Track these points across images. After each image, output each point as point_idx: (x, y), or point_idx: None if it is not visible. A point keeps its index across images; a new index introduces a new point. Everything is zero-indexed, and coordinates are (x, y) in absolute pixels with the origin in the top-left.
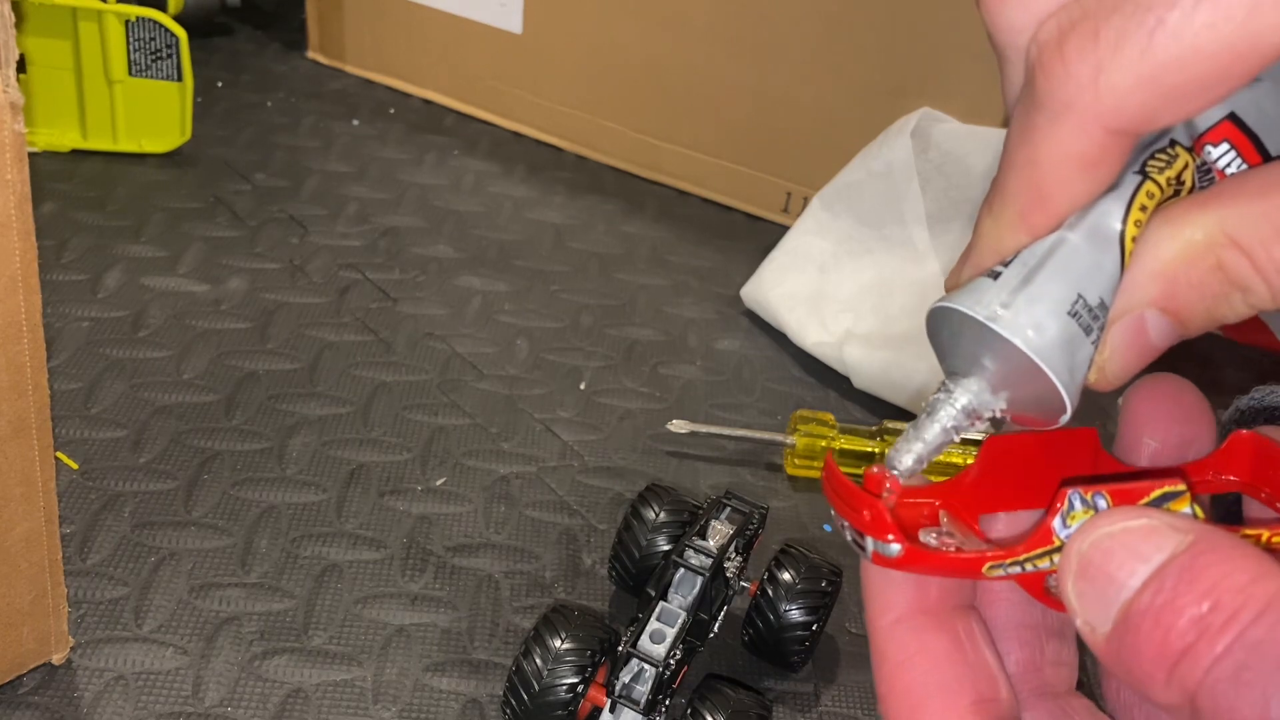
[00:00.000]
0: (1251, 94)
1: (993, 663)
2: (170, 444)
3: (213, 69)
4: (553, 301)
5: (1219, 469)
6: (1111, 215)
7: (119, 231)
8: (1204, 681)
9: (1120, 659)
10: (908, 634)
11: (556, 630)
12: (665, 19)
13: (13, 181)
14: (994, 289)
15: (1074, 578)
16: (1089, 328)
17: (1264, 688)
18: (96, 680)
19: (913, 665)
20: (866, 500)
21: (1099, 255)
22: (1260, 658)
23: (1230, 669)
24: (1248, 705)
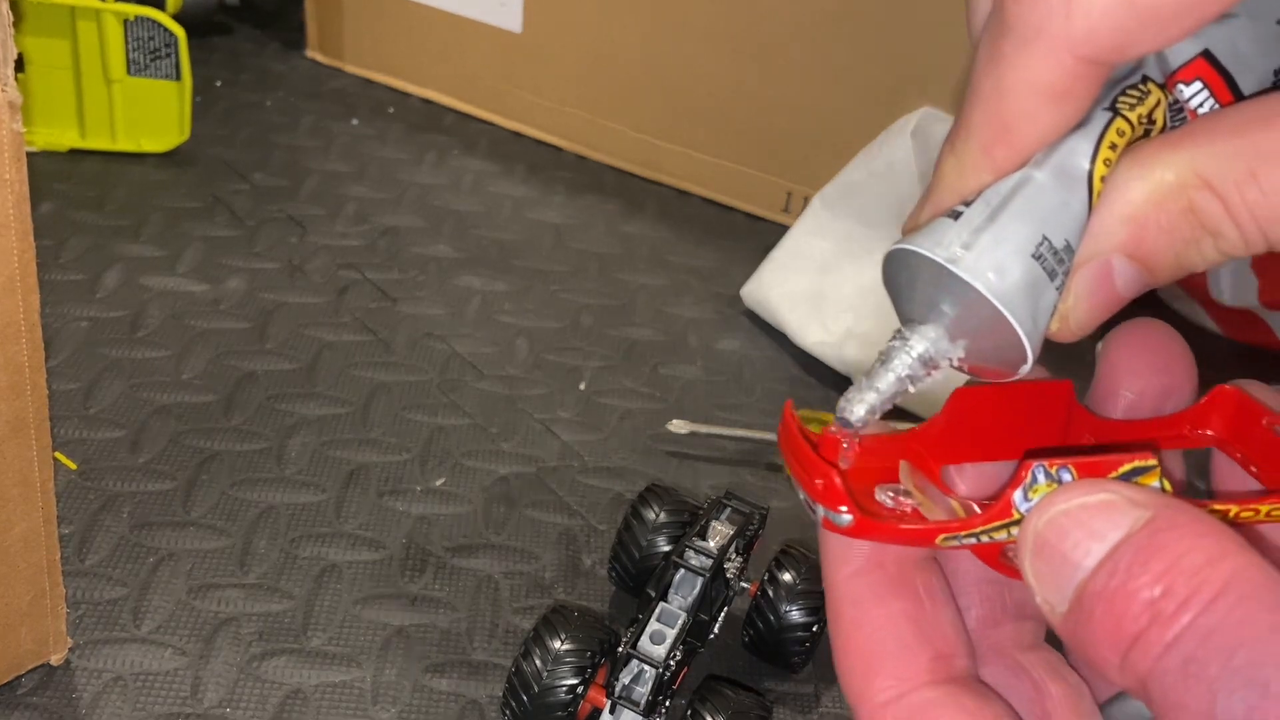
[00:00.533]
0: (1225, 30)
1: (951, 619)
2: (169, 444)
3: (211, 68)
4: (552, 301)
5: (1196, 423)
6: (1079, 153)
7: (117, 231)
8: (1153, 670)
9: (1076, 640)
10: (864, 589)
11: (556, 631)
12: (666, 18)
13: (11, 181)
14: (954, 229)
15: (1030, 556)
16: (1053, 272)
17: (1211, 682)
18: (95, 681)
19: (869, 621)
20: (820, 468)
21: (1066, 195)
22: (1209, 649)
23: (1178, 660)
24: (1194, 699)
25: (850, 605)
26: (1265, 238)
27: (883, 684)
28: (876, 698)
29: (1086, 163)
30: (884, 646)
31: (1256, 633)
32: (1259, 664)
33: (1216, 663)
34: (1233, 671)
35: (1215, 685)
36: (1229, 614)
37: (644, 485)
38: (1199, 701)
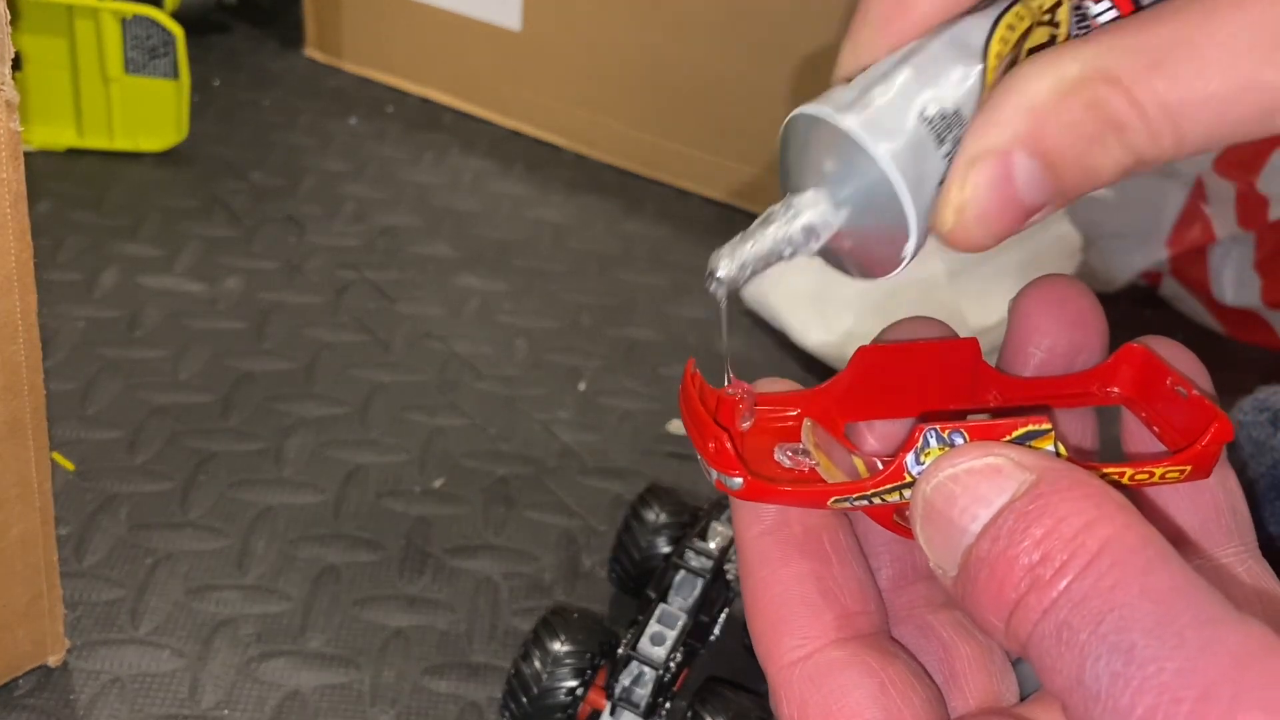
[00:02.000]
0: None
1: (859, 578)
2: (166, 445)
3: (209, 67)
4: (552, 301)
5: (1105, 381)
6: (976, 28)
7: (115, 230)
8: (1032, 635)
9: (964, 604)
10: (772, 548)
11: (556, 633)
12: (665, 16)
13: (8, 180)
14: (844, 91)
15: (920, 521)
16: (941, 137)
17: (1081, 648)
18: (93, 682)
19: (776, 581)
20: (711, 430)
21: (959, 64)
22: (1081, 615)
23: (1054, 626)
24: (1066, 665)
25: (759, 565)
26: (1175, 130)
27: (790, 643)
28: (784, 657)
29: (982, 36)
30: (790, 607)
31: (1126, 598)
32: (1126, 629)
33: (1086, 629)
34: (1101, 637)
35: (1085, 651)
36: (1100, 579)
37: (644, 486)
38: (1070, 667)
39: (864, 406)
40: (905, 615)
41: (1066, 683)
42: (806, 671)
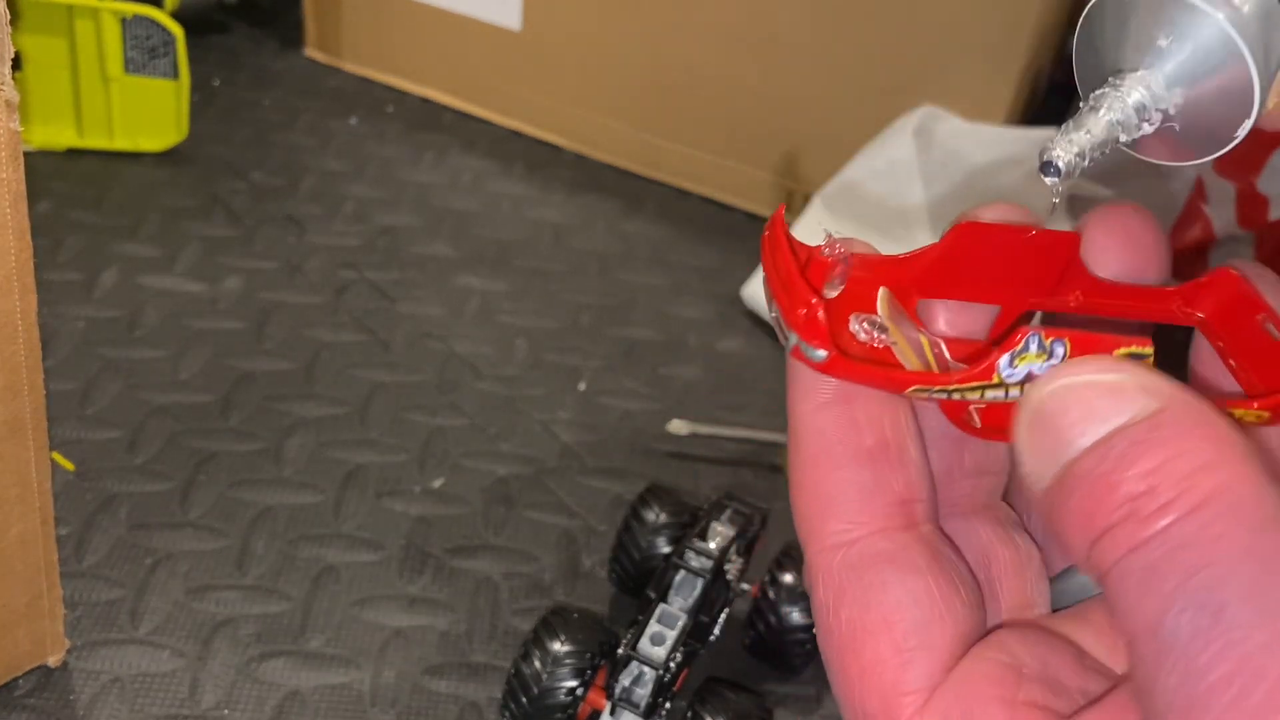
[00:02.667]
0: None
1: (918, 463)
2: (166, 445)
3: (209, 66)
4: (552, 301)
5: (1189, 301)
6: None
7: (115, 230)
8: (1115, 568)
9: (1050, 517)
10: (830, 424)
11: (556, 633)
12: (666, 16)
13: (8, 180)
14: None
15: (1026, 424)
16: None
17: (1166, 597)
18: (93, 683)
19: (831, 458)
20: (804, 295)
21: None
22: (1174, 562)
23: (1141, 565)
24: (1147, 609)
25: (814, 439)
26: None
27: (837, 526)
28: (828, 539)
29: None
30: (841, 488)
31: (1227, 553)
32: (1219, 587)
33: (1176, 577)
34: (1190, 591)
35: (1168, 601)
36: (1205, 528)
37: (644, 486)
38: (1149, 613)
39: (946, 285)
40: (947, 511)
41: (1140, 627)
42: (849, 559)
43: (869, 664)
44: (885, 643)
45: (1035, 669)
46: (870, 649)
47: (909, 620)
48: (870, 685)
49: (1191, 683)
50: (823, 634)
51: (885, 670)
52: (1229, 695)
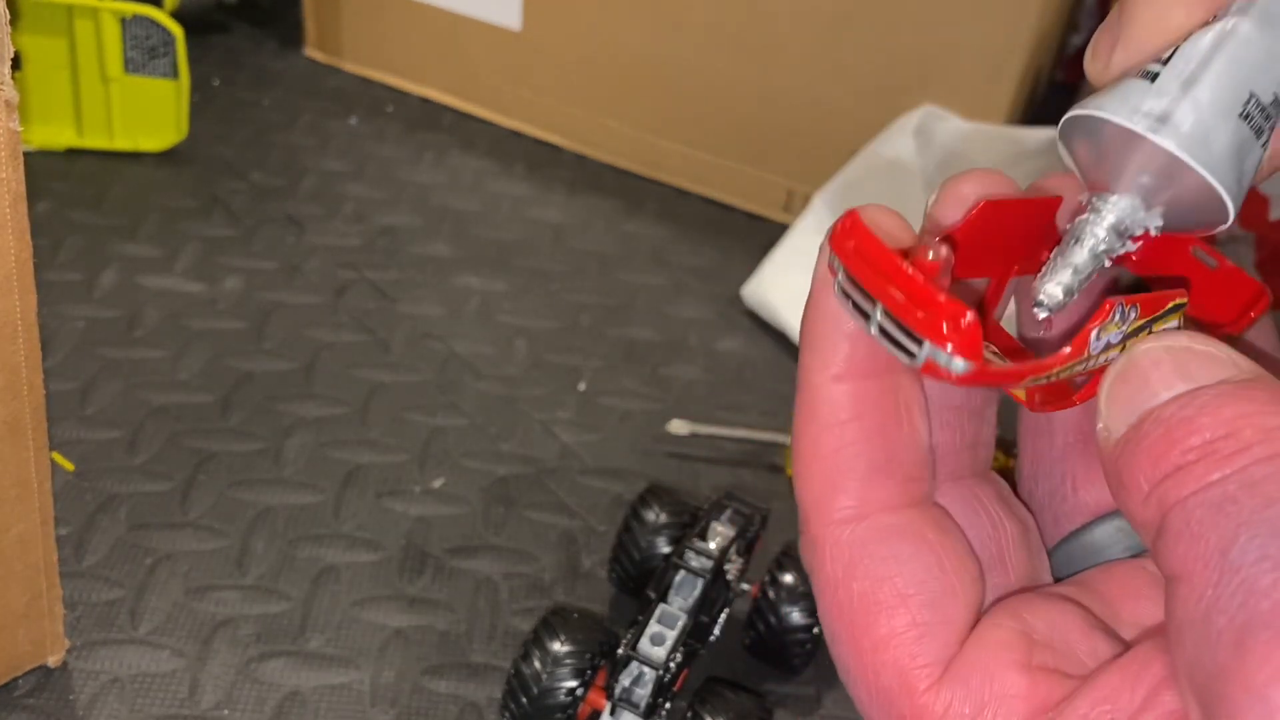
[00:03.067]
0: None
1: (924, 440)
2: (166, 445)
3: (209, 66)
4: (552, 301)
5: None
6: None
7: (114, 230)
8: (1184, 501)
9: (1118, 464)
10: (844, 396)
11: (556, 633)
12: (666, 16)
13: (7, 180)
14: (1152, 93)
15: (1114, 378)
16: (1260, 129)
17: (1239, 524)
18: (92, 683)
19: (841, 432)
20: (947, 307)
21: (1274, 41)
22: (1251, 495)
23: (1217, 497)
24: (1218, 533)
25: (826, 410)
26: None
27: (844, 501)
28: (835, 514)
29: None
30: (851, 463)
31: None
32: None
33: (1252, 505)
34: (1265, 518)
35: (1241, 525)
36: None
37: (644, 486)
38: (1219, 536)
39: (977, 263)
40: (948, 483)
41: (1206, 554)
42: (859, 534)
43: (883, 638)
44: (901, 616)
45: (1045, 634)
46: (885, 623)
47: (925, 594)
48: (885, 660)
49: (1254, 602)
50: (830, 610)
51: (902, 643)
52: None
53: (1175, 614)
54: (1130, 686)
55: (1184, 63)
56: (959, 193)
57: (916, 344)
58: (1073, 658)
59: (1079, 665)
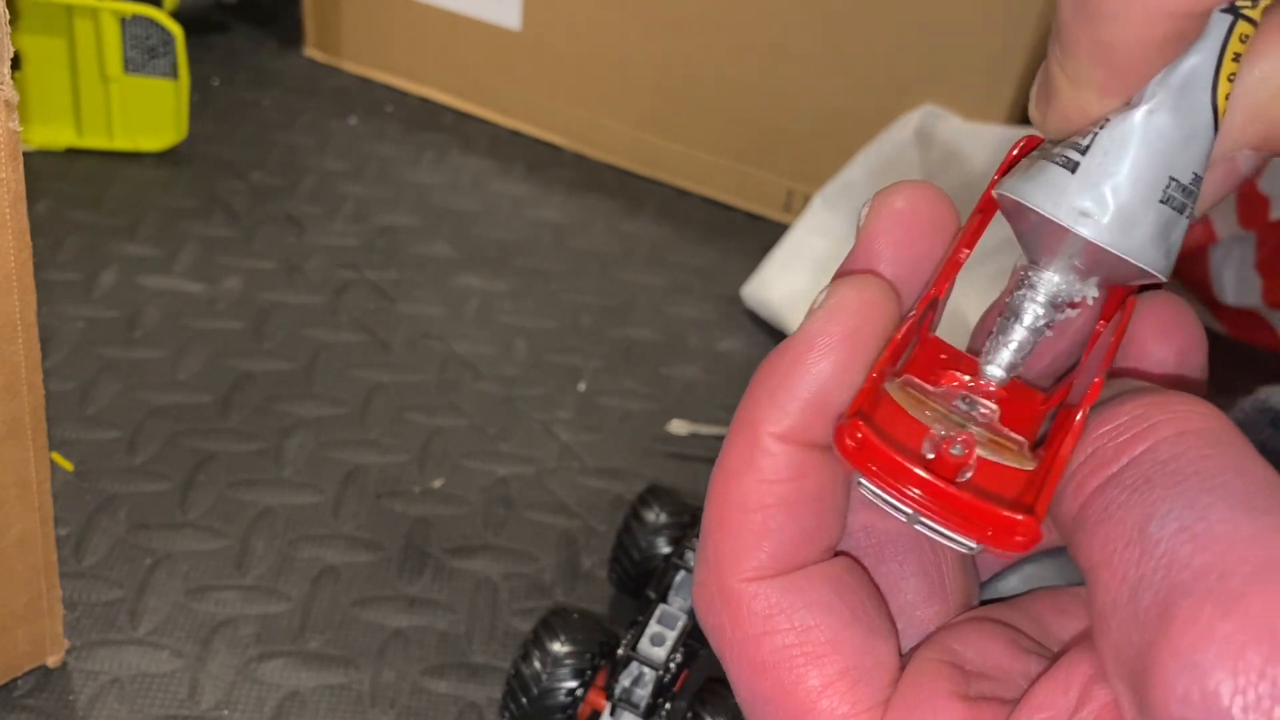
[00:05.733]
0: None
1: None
2: (166, 445)
3: (209, 66)
4: (551, 301)
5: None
6: (1202, 73)
7: (114, 230)
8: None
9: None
10: (788, 457)
11: (556, 633)
12: (666, 16)
13: (7, 180)
14: (1075, 185)
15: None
16: (1183, 206)
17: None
18: (92, 683)
19: (778, 490)
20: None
21: (1190, 123)
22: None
23: (1131, 479)
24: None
25: (766, 465)
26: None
27: (763, 558)
28: (751, 570)
29: (1209, 82)
30: (782, 522)
31: (1216, 468)
32: (1206, 491)
33: (1165, 484)
34: (1178, 494)
35: (1156, 504)
36: (1194, 450)
37: (644, 486)
38: (1135, 518)
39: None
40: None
41: (1125, 534)
42: (776, 587)
43: (815, 690)
44: (833, 664)
45: (978, 662)
46: (816, 674)
47: (854, 638)
48: (822, 712)
49: (1175, 572)
50: (748, 669)
51: (838, 692)
52: (1210, 579)
53: (1099, 602)
54: (1063, 691)
55: (1102, 155)
56: (891, 206)
57: (974, 542)
58: (1008, 682)
59: (1015, 689)
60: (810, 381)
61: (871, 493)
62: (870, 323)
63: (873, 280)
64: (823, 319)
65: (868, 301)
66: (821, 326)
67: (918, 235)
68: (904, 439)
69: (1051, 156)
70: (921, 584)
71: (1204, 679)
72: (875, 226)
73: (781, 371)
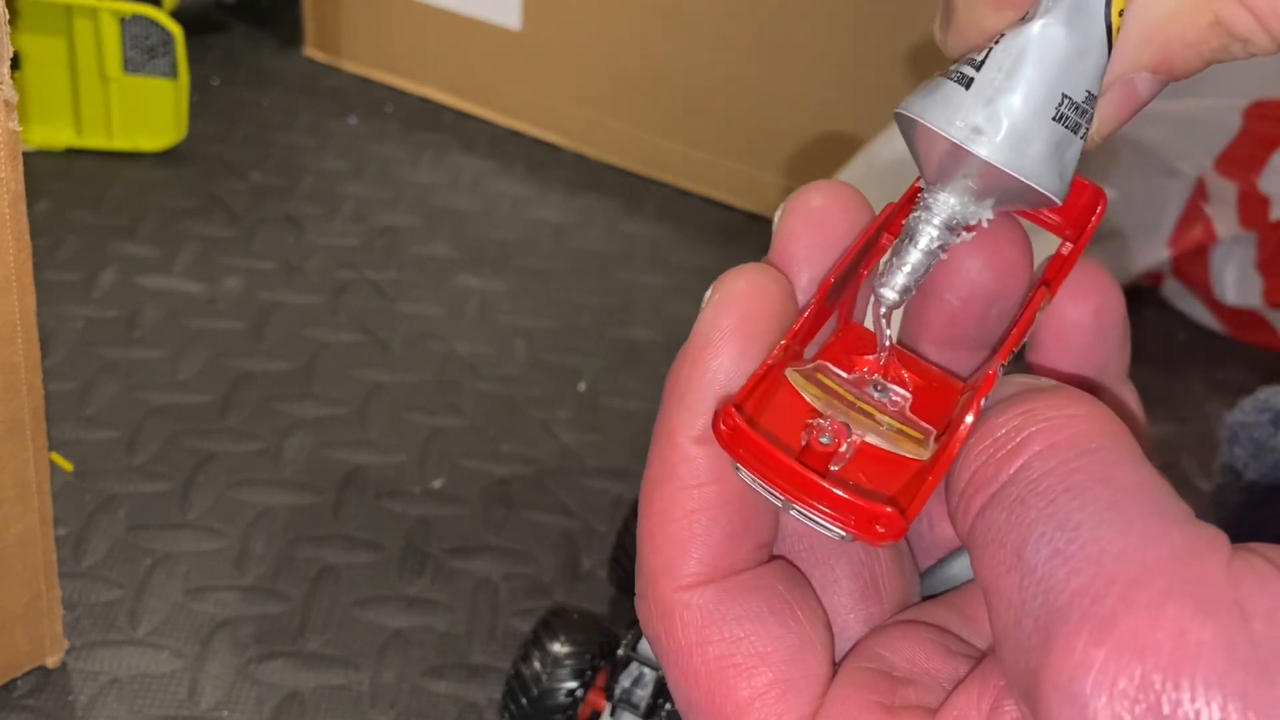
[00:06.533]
0: None
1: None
2: (165, 445)
3: (208, 66)
4: (551, 301)
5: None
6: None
7: (114, 230)
8: (983, 511)
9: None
10: (706, 458)
11: (556, 634)
12: (666, 16)
13: (6, 180)
14: (969, 101)
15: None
16: (1077, 125)
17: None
18: (91, 683)
19: (701, 494)
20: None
21: (1084, 39)
22: (1035, 494)
23: (1007, 499)
24: (1012, 539)
25: (686, 470)
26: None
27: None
28: (685, 579)
29: (1103, 2)
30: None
31: (1086, 481)
32: (1077, 509)
33: (1038, 505)
34: (1049, 515)
35: (1031, 526)
36: (1064, 461)
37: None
38: (1014, 541)
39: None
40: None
41: (1006, 559)
42: (709, 596)
43: (745, 701)
44: (761, 676)
45: (906, 669)
46: (745, 685)
47: (784, 650)
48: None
49: (1052, 598)
50: (684, 678)
51: (765, 704)
52: (1085, 603)
53: (994, 626)
54: (976, 703)
55: (995, 70)
56: (807, 205)
57: (842, 530)
58: (935, 688)
59: (941, 695)
60: (712, 379)
61: (751, 480)
62: (761, 309)
63: (759, 268)
64: (712, 312)
65: (755, 287)
66: (713, 320)
67: (832, 233)
68: (786, 427)
69: (949, 74)
70: (854, 585)
71: (1083, 709)
72: (789, 227)
73: (685, 374)
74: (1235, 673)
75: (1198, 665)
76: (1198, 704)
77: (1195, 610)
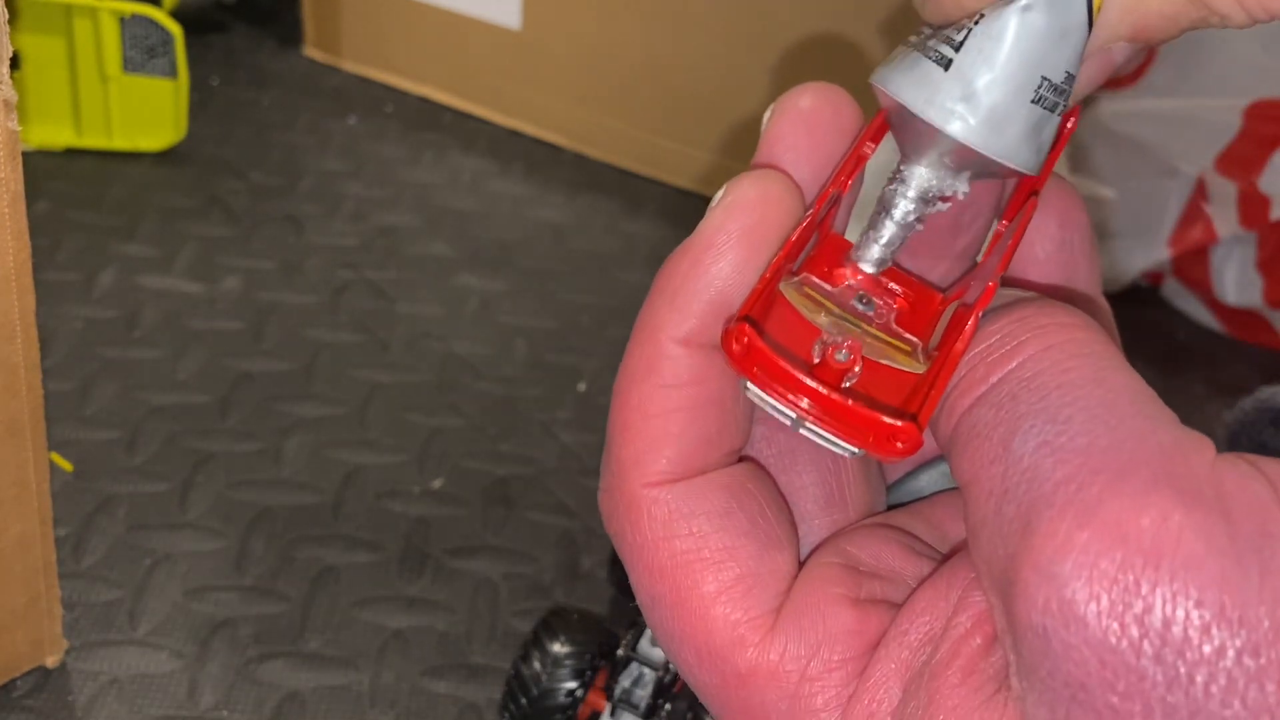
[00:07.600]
0: None
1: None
2: (165, 445)
3: (208, 66)
4: (551, 301)
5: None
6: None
7: (113, 230)
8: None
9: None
10: (688, 359)
11: (555, 634)
12: (666, 15)
13: (6, 180)
14: (947, 83)
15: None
16: (1055, 105)
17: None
18: (91, 684)
19: (680, 395)
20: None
21: (1065, 20)
22: (1028, 390)
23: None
24: (1000, 432)
25: (667, 369)
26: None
27: (665, 464)
28: (654, 475)
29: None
30: (684, 427)
31: (1078, 379)
32: (1068, 404)
33: (1029, 399)
34: (1040, 409)
35: (1021, 419)
36: (1056, 363)
37: None
38: (1001, 433)
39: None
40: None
41: (992, 450)
42: (678, 492)
43: (710, 595)
44: (729, 570)
45: (871, 564)
46: (712, 579)
47: (751, 545)
48: (715, 616)
49: (1037, 485)
50: (647, 574)
51: (731, 597)
52: (1070, 490)
53: (970, 518)
54: (944, 595)
55: (975, 52)
56: (796, 107)
57: (854, 446)
58: (899, 584)
59: (905, 591)
60: (709, 283)
61: (758, 397)
62: (769, 218)
63: (772, 174)
64: (720, 215)
65: (766, 196)
66: (719, 223)
67: (820, 136)
68: (793, 343)
69: (926, 50)
70: (820, 492)
71: (1062, 588)
72: (778, 129)
73: (681, 274)
74: (1212, 560)
75: (1177, 552)
76: (1175, 586)
77: (1178, 501)
